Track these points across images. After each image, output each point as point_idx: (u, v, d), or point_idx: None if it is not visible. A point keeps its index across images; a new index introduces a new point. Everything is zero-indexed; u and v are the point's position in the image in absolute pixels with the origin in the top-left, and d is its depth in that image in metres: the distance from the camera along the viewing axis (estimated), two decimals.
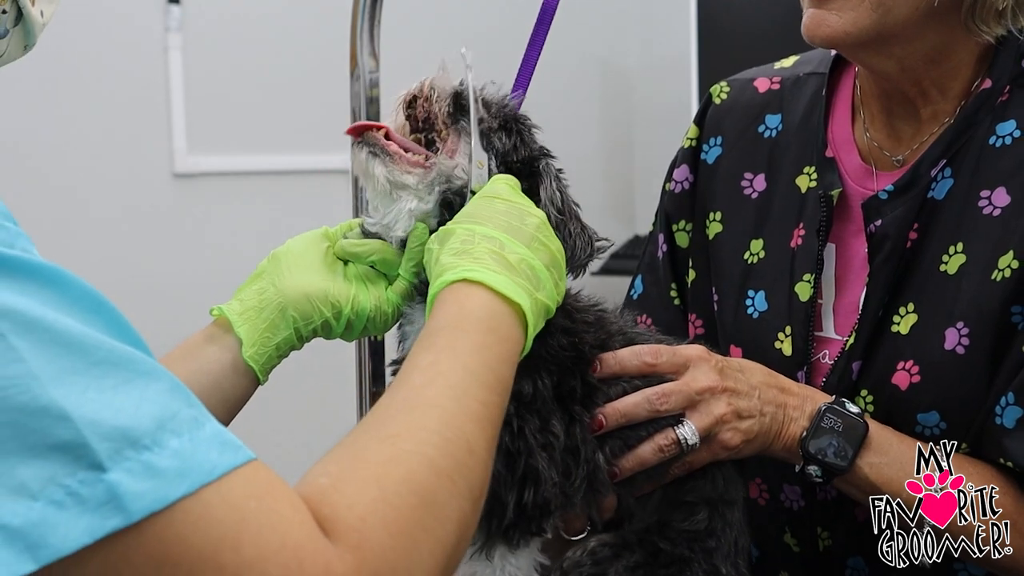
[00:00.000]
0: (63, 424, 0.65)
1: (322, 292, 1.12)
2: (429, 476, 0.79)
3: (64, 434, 0.65)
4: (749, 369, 1.21)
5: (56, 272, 0.70)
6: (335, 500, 0.74)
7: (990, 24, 1.22)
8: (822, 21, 1.23)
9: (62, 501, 0.65)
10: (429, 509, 0.78)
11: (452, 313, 0.94)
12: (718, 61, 3.27)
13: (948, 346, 1.22)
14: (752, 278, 1.38)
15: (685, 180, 1.47)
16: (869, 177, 1.33)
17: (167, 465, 0.67)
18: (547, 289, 1.02)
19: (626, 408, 1.14)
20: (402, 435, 0.81)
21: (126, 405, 0.68)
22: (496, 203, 1.05)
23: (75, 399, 0.66)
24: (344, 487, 0.76)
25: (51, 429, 0.65)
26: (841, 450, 1.18)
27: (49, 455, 0.65)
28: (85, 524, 0.65)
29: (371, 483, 0.76)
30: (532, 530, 1.11)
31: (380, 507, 0.75)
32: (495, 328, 0.94)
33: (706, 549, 1.17)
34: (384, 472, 0.77)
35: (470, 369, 0.89)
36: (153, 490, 0.67)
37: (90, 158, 2.90)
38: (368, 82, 1.47)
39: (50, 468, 0.65)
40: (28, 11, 0.89)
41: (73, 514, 0.65)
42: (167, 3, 2.98)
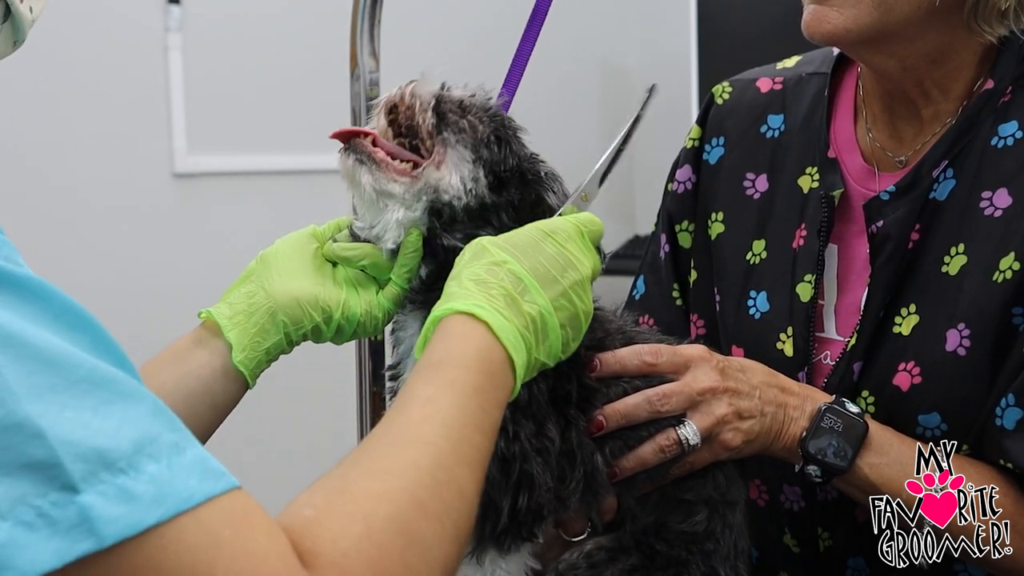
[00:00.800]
0: (37, 442, 0.64)
1: (312, 297, 1.11)
2: (417, 516, 0.77)
3: (38, 453, 0.63)
4: (750, 369, 1.21)
5: (39, 285, 0.68)
6: (318, 533, 0.73)
7: (992, 24, 1.22)
8: (823, 18, 1.23)
9: (32, 522, 0.63)
10: (415, 550, 0.76)
11: (455, 348, 0.92)
12: (718, 61, 3.27)
13: (949, 347, 1.22)
14: (754, 279, 1.38)
15: (687, 180, 1.47)
16: (871, 178, 1.33)
17: (143, 490, 0.66)
18: (551, 347, 1.00)
19: (626, 409, 1.14)
20: (393, 471, 0.79)
21: (105, 426, 0.66)
22: (547, 244, 1.03)
23: (52, 417, 0.64)
24: (329, 520, 0.74)
25: (24, 447, 0.63)
26: (841, 450, 1.18)
27: (21, 474, 0.63)
28: (54, 547, 0.63)
29: (357, 519, 0.75)
30: (524, 535, 1.10)
31: (364, 544, 0.73)
32: (493, 373, 0.93)
33: (704, 551, 1.17)
34: (372, 508, 0.76)
35: (468, 410, 0.87)
36: (127, 515, 0.65)
37: (90, 158, 2.90)
38: (368, 82, 1.47)
39: (21, 487, 0.63)
40: (16, 7, 0.87)
41: (42, 536, 0.63)
42: (167, 3, 2.98)
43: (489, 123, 1.14)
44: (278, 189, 3.17)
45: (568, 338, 1.03)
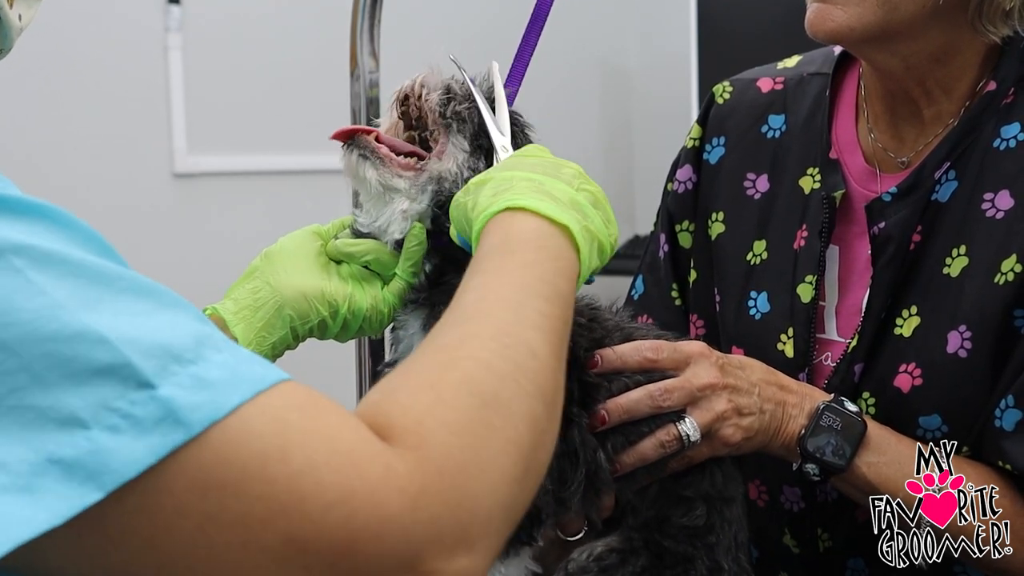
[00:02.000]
0: (102, 346, 0.63)
1: (318, 291, 1.11)
2: (488, 377, 0.74)
3: (104, 356, 0.63)
4: (749, 366, 1.21)
5: (54, 210, 0.68)
6: (388, 409, 0.71)
7: (996, 24, 1.22)
8: (826, 16, 1.23)
9: (116, 425, 0.62)
10: (493, 408, 0.73)
11: (497, 239, 0.89)
12: (718, 61, 3.27)
13: (950, 349, 1.22)
14: (754, 279, 1.38)
15: (688, 180, 1.47)
16: (873, 179, 1.33)
17: (216, 376, 0.65)
18: (596, 223, 0.97)
19: (628, 404, 1.14)
20: (454, 345, 0.77)
21: (160, 326, 0.66)
22: (527, 158, 1.01)
23: (108, 323, 0.64)
24: (396, 396, 0.72)
25: (90, 353, 0.63)
26: (839, 448, 1.18)
27: (94, 380, 0.62)
28: (146, 444, 0.62)
29: (425, 389, 0.72)
30: (522, 539, 1.10)
31: (438, 409, 0.71)
32: (545, 246, 0.89)
33: (707, 545, 1.17)
34: (438, 377, 0.73)
35: (524, 283, 0.84)
36: (208, 400, 0.64)
37: (90, 158, 2.90)
38: (368, 82, 1.47)
39: (98, 393, 0.62)
40: (5, 13, 0.87)
41: (130, 437, 0.62)
42: (167, 3, 2.98)
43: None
44: (278, 189, 3.17)
45: (604, 220, 1.00)
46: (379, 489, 0.66)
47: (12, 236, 0.64)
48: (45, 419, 0.62)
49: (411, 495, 0.67)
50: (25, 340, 0.62)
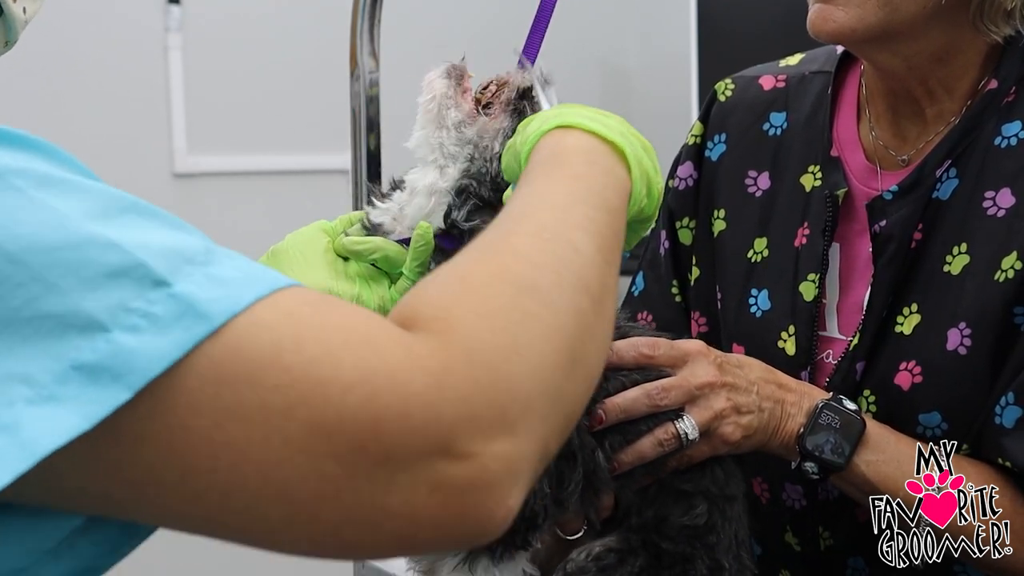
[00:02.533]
0: (112, 250, 0.62)
1: (325, 289, 1.10)
2: (525, 268, 0.71)
3: (116, 259, 0.62)
4: (747, 365, 1.21)
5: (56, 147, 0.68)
6: (413, 304, 0.69)
7: (998, 24, 1.22)
8: (828, 16, 1.23)
9: (136, 325, 0.61)
10: (530, 295, 0.70)
11: (547, 153, 0.86)
12: (718, 61, 3.27)
13: (950, 347, 1.22)
14: (755, 277, 1.38)
15: (689, 177, 1.47)
16: (873, 177, 1.33)
17: (230, 275, 0.64)
18: (643, 164, 0.92)
19: (626, 403, 1.14)
20: (490, 244, 0.74)
21: (168, 236, 0.65)
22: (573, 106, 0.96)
23: (117, 231, 0.63)
24: (423, 290, 0.70)
25: (101, 257, 0.62)
26: (838, 447, 1.18)
27: (108, 282, 0.61)
28: (167, 343, 0.61)
29: (454, 281, 0.70)
30: (518, 544, 1.10)
31: (467, 298, 0.68)
32: (595, 161, 0.85)
33: (707, 544, 1.17)
34: (470, 270, 0.71)
35: (572, 191, 0.80)
36: (226, 296, 0.63)
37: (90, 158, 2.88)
38: (368, 82, 1.47)
39: (113, 295, 0.61)
40: (9, 7, 0.87)
41: (151, 336, 0.61)
42: (167, 3, 2.98)
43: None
44: (278, 189, 3.17)
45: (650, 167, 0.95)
46: (401, 368, 0.64)
47: (10, 161, 0.64)
48: (64, 326, 0.61)
49: (435, 373, 0.64)
50: (34, 250, 0.61)
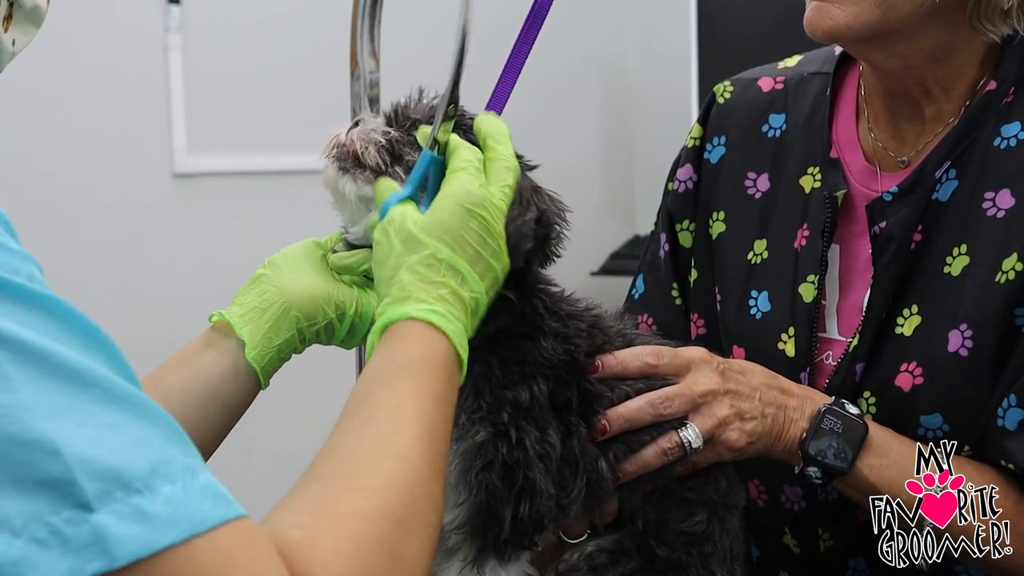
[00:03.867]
0: (53, 459, 0.63)
1: (326, 294, 1.11)
2: (400, 536, 0.78)
3: (53, 470, 0.63)
4: (750, 371, 1.21)
5: (57, 303, 0.68)
6: (309, 556, 0.73)
7: (995, 23, 1.21)
8: (825, 14, 1.23)
9: (45, 540, 0.62)
10: (399, 569, 0.77)
11: (417, 355, 0.91)
12: (718, 61, 3.27)
13: (951, 348, 1.22)
14: (755, 278, 1.38)
15: (688, 179, 1.46)
16: (873, 178, 1.33)
17: (158, 511, 0.65)
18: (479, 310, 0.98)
19: (629, 413, 1.14)
20: (374, 488, 0.80)
21: (121, 445, 0.65)
22: (472, 221, 0.98)
23: (68, 434, 0.64)
24: (318, 542, 0.74)
25: (40, 463, 0.63)
26: (841, 452, 1.18)
27: (35, 490, 0.63)
28: (66, 566, 0.62)
29: (346, 540, 0.75)
30: (525, 544, 1.10)
31: (355, 565, 0.74)
32: (452, 377, 0.92)
33: (703, 553, 1.17)
34: (358, 528, 0.76)
35: (434, 420, 0.87)
36: (140, 535, 0.64)
37: (90, 158, 2.90)
38: (368, 82, 1.47)
39: (35, 504, 0.63)
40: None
41: (55, 554, 0.62)
42: (167, 3, 2.97)
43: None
44: (278, 189, 3.17)
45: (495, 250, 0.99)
46: None
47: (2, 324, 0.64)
48: None
49: None
50: None
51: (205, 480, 0.68)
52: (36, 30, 0.91)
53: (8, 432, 0.63)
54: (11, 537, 0.62)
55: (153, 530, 0.65)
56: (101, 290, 2.81)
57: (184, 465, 0.68)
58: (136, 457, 0.66)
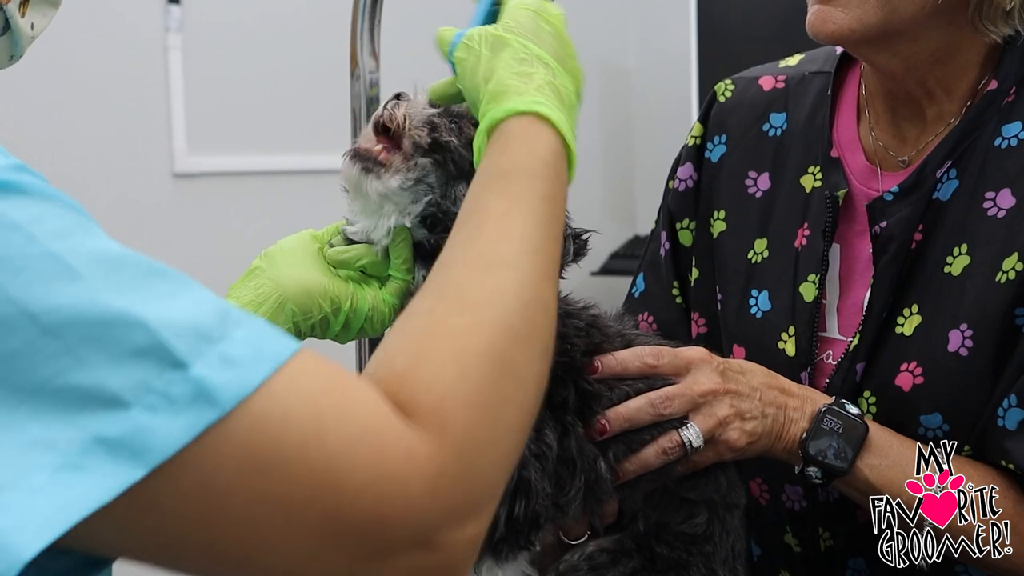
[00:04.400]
0: (139, 330, 0.66)
1: (322, 287, 1.12)
2: (509, 345, 0.77)
3: (142, 339, 0.66)
4: (750, 371, 1.21)
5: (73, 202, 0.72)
6: (413, 383, 0.74)
7: (997, 24, 1.21)
8: (827, 17, 1.23)
9: (154, 404, 0.66)
10: (509, 377, 0.77)
11: (523, 155, 0.88)
12: (718, 61, 3.27)
13: (951, 348, 1.22)
14: (755, 278, 1.38)
15: (689, 178, 1.46)
16: (874, 177, 1.33)
17: (242, 353, 0.69)
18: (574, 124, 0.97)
19: (629, 412, 1.14)
20: (480, 303, 0.79)
21: (186, 306, 0.69)
22: (542, 21, 0.99)
23: (141, 306, 0.67)
24: (422, 368, 0.75)
25: (129, 336, 0.66)
26: (841, 452, 1.18)
27: (133, 362, 0.66)
28: (182, 423, 0.66)
29: (450, 362, 0.75)
30: (521, 544, 1.10)
31: (460, 387, 0.74)
32: (559, 175, 0.89)
33: (704, 553, 1.18)
34: (464, 345, 0.76)
35: (543, 221, 0.85)
36: (236, 378, 0.68)
37: (90, 158, 2.90)
38: (368, 82, 1.47)
39: (136, 374, 0.66)
40: (16, 22, 0.88)
41: (168, 415, 0.66)
42: (167, 3, 2.97)
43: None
44: (278, 189, 3.17)
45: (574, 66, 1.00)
46: (403, 472, 0.71)
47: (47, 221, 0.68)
48: (90, 399, 0.65)
49: (431, 478, 0.71)
50: (69, 324, 0.65)
51: (262, 322, 0.73)
52: (55, 11, 0.93)
53: (91, 315, 0.66)
54: (123, 411, 0.65)
55: (245, 371, 0.68)
56: None
57: (240, 312, 0.72)
58: (203, 312, 0.70)
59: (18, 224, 0.67)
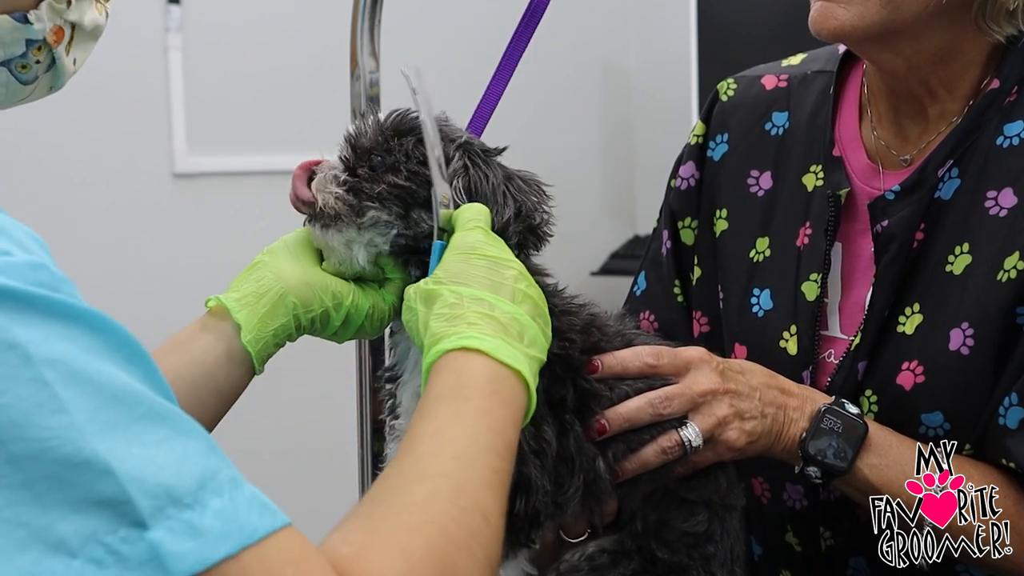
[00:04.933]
0: (106, 479, 0.64)
1: (323, 282, 1.12)
2: (448, 547, 0.78)
3: (107, 489, 0.64)
4: (749, 371, 1.21)
5: (100, 318, 0.68)
6: (361, 570, 0.73)
7: (1001, 23, 1.21)
8: (829, 14, 1.23)
9: (102, 559, 0.63)
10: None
11: (451, 382, 0.92)
12: (718, 61, 3.27)
13: (953, 347, 1.22)
14: (757, 276, 1.38)
15: (691, 177, 1.46)
16: (876, 176, 1.33)
17: (209, 525, 0.66)
18: (538, 343, 1.00)
19: (629, 412, 1.14)
20: (418, 504, 0.80)
21: (168, 462, 0.66)
22: (474, 259, 1.02)
23: (119, 453, 0.64)
24: (369, 556, 0.75)
25: (94, 483, 0.63)
26: (841, 451, 1.18)
27: (91, 510, 0.63)
28: None
29: (396, 553, 0.75)
30: (521, 541, 1.10)
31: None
32: (497, 391, 0.92)
33: (704, 555, 1.17)
34: (407, 542, 0.76)
35: (476, 435, 0.87)
36: (195, 550, 0.65)
37: (90, 158, 2.90)
38: (368, 82, 1.47)
39: (91, 524, 0.63)
40: (61, 60, 0.90)
41: (113, 573, 0.63)
42: (167, 3, 2.97)
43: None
44: (278, 189, 3.15)
45: (542, 326, 1.03)
46: None
47: (50, 344, 0.65)
48: (36, 539, 0.62)
49: None
50: (35, 458, 0.63)
51: (250, 491, 0.69)
52: (95, 44, 0.94)
53: (61, 454, 0.63)
54: (69, 559, 0.63)
55: (206, 544, 0.65)
56: (101, 290, 2.81)
57: (229, 477, 0.68)
58: (184, 473, 0.66)
59: (17, 343, 0.63)
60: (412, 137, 1.12)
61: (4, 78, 0.89)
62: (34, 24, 0.88)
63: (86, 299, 0.71)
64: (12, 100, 0.93)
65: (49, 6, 0.88)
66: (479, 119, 1.21)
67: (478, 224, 1.06)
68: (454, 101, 1.27)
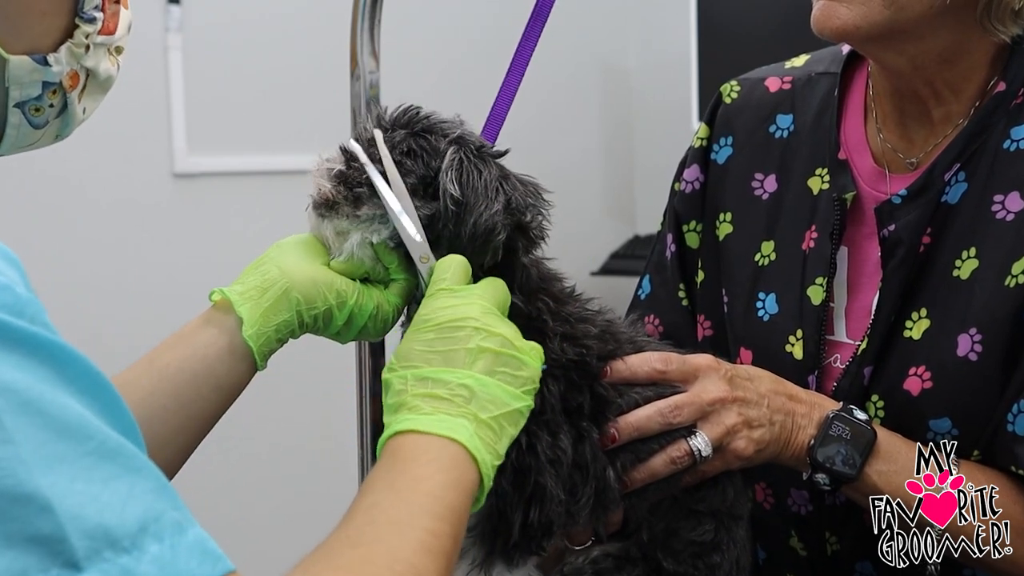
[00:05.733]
0: (45, 515, 0.62)
1: (328, 280, 1.11)
2: None
3: (44, 526, 0.62)
4: (757, 377, 1.21)
5: (59, 347, 0.67)
6: None
7: (1006, 23, 1.21)
8: (832, 14, 1.22)
9: None
10: None
11: (388, 462, 0.93)
12: (718, 61, 3.27)
13: (961, 352, 1.21)
14: (762, 280, 1.37)
15: (696, 180, 1.46)
16: (882, 180, 1.32)
17: (144, 571, 0.64)
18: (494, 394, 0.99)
19: (638, 421, 1.14)
20: (353, 569, 0.79)
21: (112, 501, 0.65)
22: (423, 334, 1.02)
23: (61, 489, 0.63)
24: None
25: (32, 519, 0.62)
26: (849, 458, 1.17)
27: (26, 547, 0.62)
28: None
29: None
30: (533, 549, 1.10)
31: None
32: (435, 459, 0.92)
33: (710, 565, 1.17)
34: None
35: (411, 502, 0.88)
36: None
37: (90, 158, 2.90)
38: (368, 82, 1.47)
39: (25, 561, 0.62)
40: (73, 106, 0.91)
41: None
42: (167, 3, 2.97)
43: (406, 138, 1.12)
44: (278, 189, 3.16)
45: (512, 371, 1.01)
46: None
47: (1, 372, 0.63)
48: None
49: None
50: None
51: (194, 536, 0.68)
52: (103, 97, 0.93)
53: (2, 486, 0.62)
54: None
55: None
56: (100, 290, 2.81)
57: (173, 521, 0.67)
58: (126, 514, 0.65)
59: None
60: (404, 131, 1.12)
61: (17, 120, 0.90)
62: (53, 67, 0.88)
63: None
64: (20, 144, 0.93)
65: (68, 49, 0.89)
66: (493, 122, 1.20)
67: (439, 286, 1.06)
68: (454, 101, 1.27)
